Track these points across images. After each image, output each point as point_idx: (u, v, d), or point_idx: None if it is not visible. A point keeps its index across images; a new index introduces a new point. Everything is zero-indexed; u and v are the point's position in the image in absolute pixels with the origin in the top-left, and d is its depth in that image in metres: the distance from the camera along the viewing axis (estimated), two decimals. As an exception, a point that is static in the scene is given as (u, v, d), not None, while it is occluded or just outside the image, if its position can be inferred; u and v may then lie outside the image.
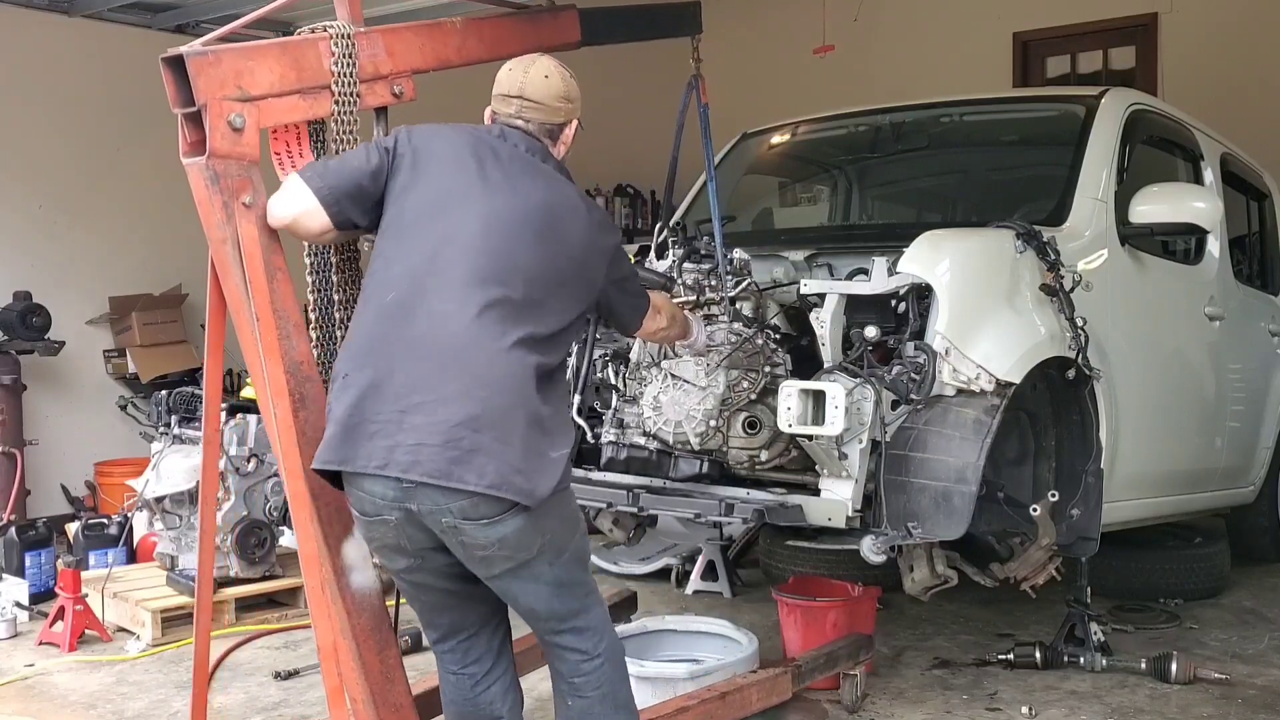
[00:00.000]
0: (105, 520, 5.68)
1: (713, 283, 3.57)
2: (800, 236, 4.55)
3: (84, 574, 4.89)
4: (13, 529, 5.35)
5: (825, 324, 3.38)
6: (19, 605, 4.97)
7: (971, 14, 8.41)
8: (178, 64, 2.55)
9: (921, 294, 3.34)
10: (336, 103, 2.80)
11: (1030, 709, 3.79)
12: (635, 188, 9.72)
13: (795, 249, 3.97)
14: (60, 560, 5.14)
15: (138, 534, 5.63)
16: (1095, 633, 4.18)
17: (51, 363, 6.97)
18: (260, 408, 2.63)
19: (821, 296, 3.45)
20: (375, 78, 2.92)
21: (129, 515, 5.58)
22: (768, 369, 3.47)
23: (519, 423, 2.45)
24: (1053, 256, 3.64)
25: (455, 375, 2.43)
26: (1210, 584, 5.20)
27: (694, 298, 3.55)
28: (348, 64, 2.82)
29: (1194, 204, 4.30)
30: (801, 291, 3.55)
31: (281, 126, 2.77)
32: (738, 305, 3.58)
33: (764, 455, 3.47)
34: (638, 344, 3.65)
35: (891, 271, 3.38)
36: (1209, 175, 5.05)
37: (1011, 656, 4.19)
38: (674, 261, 3.66)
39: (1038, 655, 4.15)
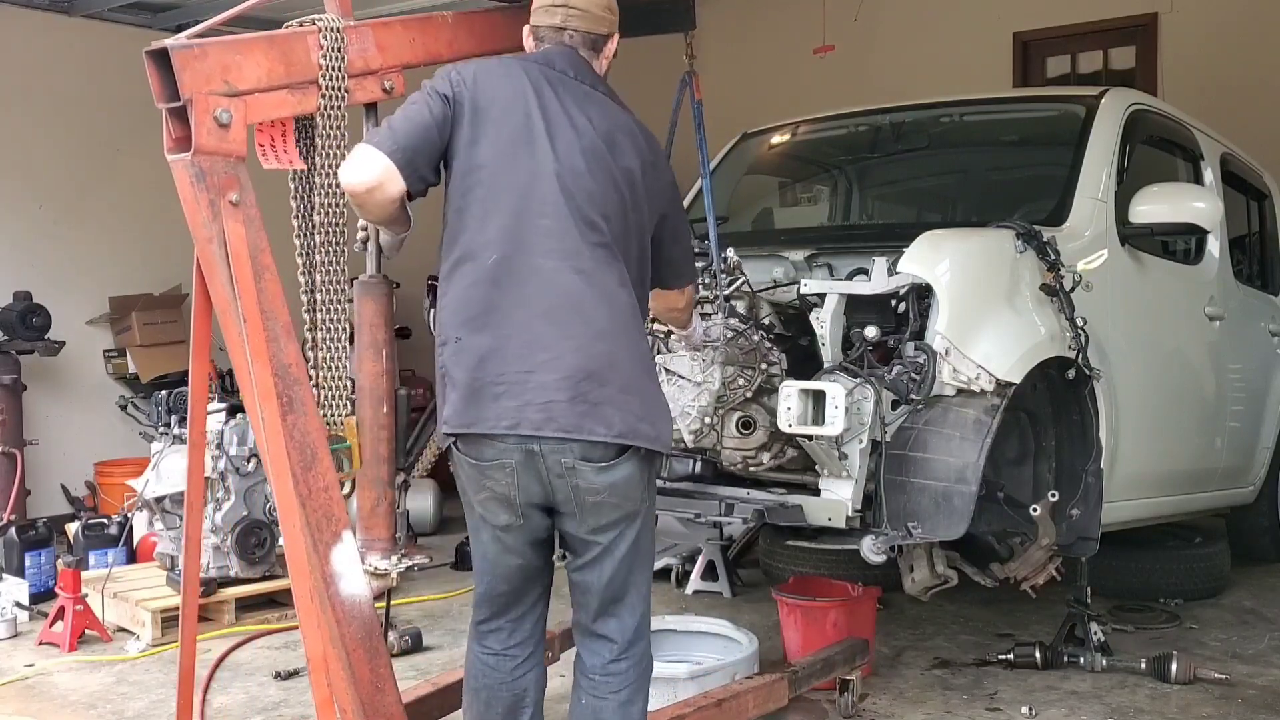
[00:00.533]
0: (105, 520, 5.68)
1: (707, 280, 3.54)
2: (800, 236, 4.54)
3: (84, 574, 4.89)
4: (13, 529, 5.35)
5: (825, 324, 3.38)
6: (19, 605, 4.96)
7: (971, 14, 8.40)
8: (162, 57, 2.47)
9: (921, 294, 3.34)
10: (324, 98, 2.73)
11: (1030, 709, 3.78)
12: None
13: (795, 249, 3.97)
14: (60, 560, 5.14)
15: (138, 534, 5.63)
16: (1095, 633, 4.17)
17: (51, 363, 6.98)
18: (247, 411, 2.58)
19: (821, 296, 3.45)
20: (365, 73, 2.85)
21: (129, 515, 5.58)
22: (764, 367, 3.45)
23: (638, 368, 2.54)
24: (1053, 256, 3.63)
25: (574, 329, 2.48)
26: (1210, 584, 5.20)
27: None
28: (337, 58, 2.75)
29: (1194, 204, 4.30)
30: (801, 291, 3.55)
31: (267, 120, 2.69)
32: (732, 303, 3.56)
33: (764, 458, 3.46)
34: None
35: (891, 271, 3.38)
36: (1209, 175, 5.05)
37: (1011, 656, 4.19)
38: None
39: (1038, 655, 4.14)
